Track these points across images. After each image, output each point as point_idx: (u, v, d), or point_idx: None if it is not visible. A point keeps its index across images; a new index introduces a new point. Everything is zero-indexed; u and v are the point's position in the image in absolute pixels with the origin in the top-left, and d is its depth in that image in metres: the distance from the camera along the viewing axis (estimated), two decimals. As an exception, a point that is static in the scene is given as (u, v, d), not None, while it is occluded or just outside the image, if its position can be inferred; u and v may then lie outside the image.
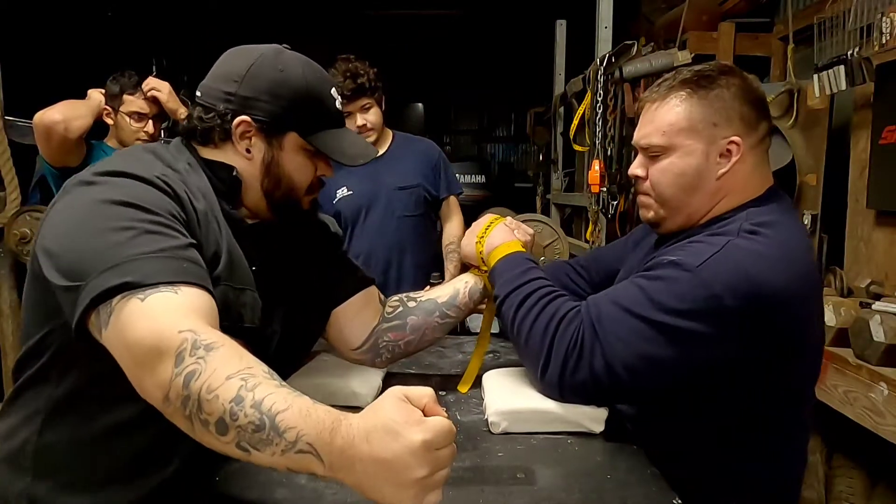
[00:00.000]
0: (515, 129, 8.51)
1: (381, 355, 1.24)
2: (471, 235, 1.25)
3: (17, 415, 0.93)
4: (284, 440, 0.64)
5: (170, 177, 0.89)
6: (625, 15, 3.36)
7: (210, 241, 0.91)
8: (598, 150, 2.75)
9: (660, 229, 1.16)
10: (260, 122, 0.97)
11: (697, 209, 1.10)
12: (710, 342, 0.97)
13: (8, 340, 3.08)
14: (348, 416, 0.65)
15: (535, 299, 1.06)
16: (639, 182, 1.15)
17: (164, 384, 0.69)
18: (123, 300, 0.73)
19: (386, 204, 2.22)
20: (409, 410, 0.63)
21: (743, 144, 1.05)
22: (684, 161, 1.07)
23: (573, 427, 1.05)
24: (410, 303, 1.25)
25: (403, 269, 2.24)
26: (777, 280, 0.97)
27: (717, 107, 1.05)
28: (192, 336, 0.70)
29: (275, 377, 0.70)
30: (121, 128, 2.19)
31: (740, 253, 0.98)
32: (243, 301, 0.95)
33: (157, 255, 0.77)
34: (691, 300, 0.96)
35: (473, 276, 1.26)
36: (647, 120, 1.11)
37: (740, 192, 1.08)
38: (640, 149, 1.14)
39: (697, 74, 1.08)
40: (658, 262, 1.03)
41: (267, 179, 1.00)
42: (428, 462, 0.61)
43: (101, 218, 0.80)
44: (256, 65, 0.97)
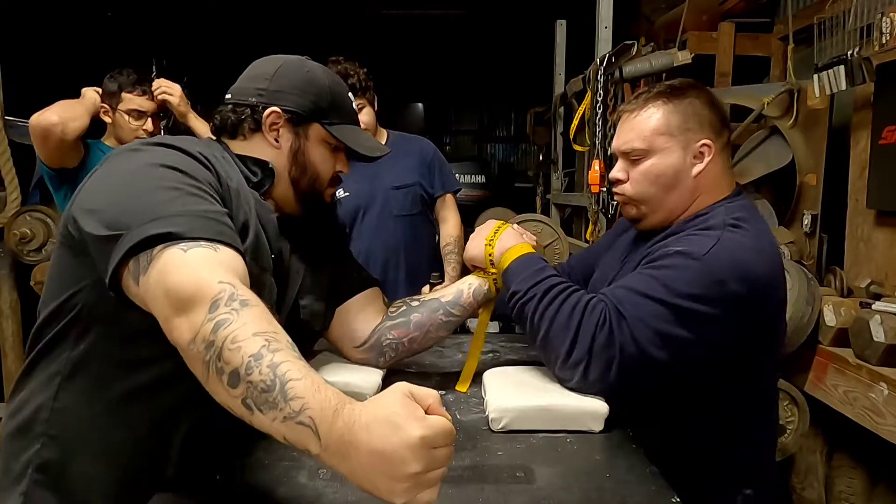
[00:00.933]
0: (515, 129, 8.52)
1: (384, 353, 1.25)
2: (479, 238, 1.27)
3: (32, 382, 0.94)
4: (289, 407, 0.65)
5: (208, 155, 0.95)
6: (625, 15, 3.36)
7: (240, 215, 0.96)
8: (598, 150, 2.75)
9: (641, 225, 1.25)
10: (289, 112, 1.06)
11: (676, 206, 1.20)
12: (718, 324, 1.06)
13: (8, 341, 3.08)
14: (354, 403, 0.65)
15: (558, 291, 1.11)
16: (619, 185, 1.24)
17: (195, 326, 0.71)
18: (165, 248, 0.77)
19: (382, 204, 2.22)
20: (413, 407, 0.63)
21: (713, 146, 1.18)
22: (664, 162, 1.18)
23: (574, 425, 1.05)
24: (414, 302, 1.28)
25: (401, 269, 2.24)
26: (765, 268, 1.10)
27: (690, 113, 1.18)
28: (230, 288, 0.73)
29: (296, 350, 0.71)
30: (119, 126, 2.18)
31: (734, 243, 1.08)
32: (263, 281, 0.99)
33: (200, 214, 0.82)
34: (702, 286, 1.05)
35: (478, 277, 1.27)
36: (627, 128, 1.22)
37: (713, 191, 1.20)
38: (620, 154, 1.24)
39: (670, 87, 1.22)
40: (664, 254, 1.11)
41: (294, 168, 1.08)
42: (424, 459, 0.61)
43: (149, 178, 0.84)
44: (285, 66, 1.09)
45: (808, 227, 2.13)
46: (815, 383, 1.82)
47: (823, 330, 1.80)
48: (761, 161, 2.35)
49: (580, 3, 3.39)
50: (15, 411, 0.96)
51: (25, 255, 2.98)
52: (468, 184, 6.28)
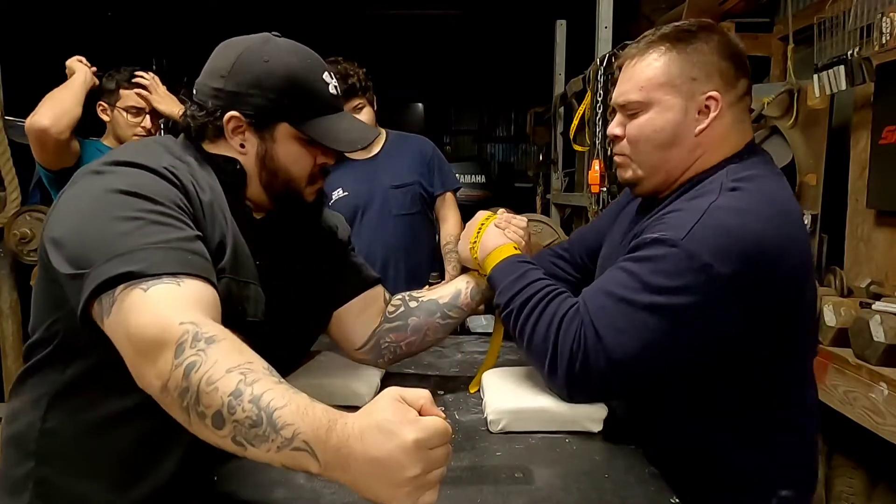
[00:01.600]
0: (515, 129, 8.51)
1: (383, 356, 1.24)
2: (465, 240, 1.23)
3: (23, 398, 0.94)
4: (281, 437, 0.64)
5: (178, 168, 0.90)
6: (625, 15, 3.36)
7: (215, 232, 0.92)
8: (598, 150, 2.75)
9: (638, 189, 1.14)
10: (249, 116, 0.96)
11: (676, 166, 1.07)
12: (709, 315, 0.95)
13: (8, 340, 3.08)
14: (345, 416, 0.65)
15: (534, 303, 1.04)
16: (616, 142, 1.12)
17: (164, 374, 0.70)
18: (127, 289, 0.74)
19: (382, 203, 2.22)
20: (404, 410, 0.63)
21: (721, 100, 1.04)
22: (662, 117, 1.05)
23: (572, 426, 1.05)
24: (412, 303, 1.25)
25: (401, 268, 2.23)
26: (766, 232, 0.95)
27: (696, 61, 1.04)
28: (193, 328, 0.71)
29: (274, 374, 0.70)
30: (117, 123, 2.18)
31: (723, 213, 0.95)
32: (246, 294, 0.96)
33: (163, 245, 0.78)
34: (682, 275, 0.93)
35: (475, 277, 1.26)
36: (626, 77, 1.09)
37: (718, 149, 1.06)
38: (618, 107, 1.11)
39: (677, 29, 1.07)
40: (642, 242, 1.00)
41: (264, 173, 1.00)
42: (421, 461, 0.61)
43: (108, 207, 0.80)
44: (241, 58, 0.96)
45: (808, 227, 2.13)
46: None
47: (823, 330, 1.80)
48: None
49: (580, 3, 3.39)
50: (11, 419, 0.95)
51: (25, 255, 2.98)
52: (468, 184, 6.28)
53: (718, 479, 1.07)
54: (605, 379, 0.98)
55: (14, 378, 0.97)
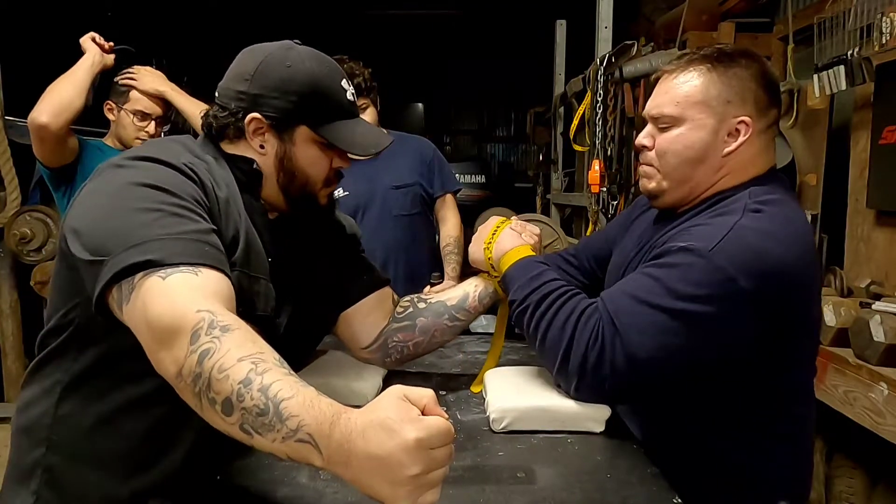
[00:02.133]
0: (515, 129, 8.51)
1: (389, 355, 1.26)
2: (478, 241, 1.24)
3: (37, 386, 0.95)
4: (286, 427, 0.65)
5: (196, 165, 0.93)
6: (625, 15, 3.36)
7: (229, 227, 0.95)
8: (598, 150, 2.76)
9: (658, 201, 1.16)
10: (270, 118, 1.00)
11: (699, 183, 1.10)
12: (726, 325, 0.98)
13: (8, 340, 3.08)
14: (349, 411, 0.65)
15: (553, 299, 1.06)
16: (644, 152, 1.14)
17: (179, 360, 0.71)
18: (145, 277, 0.76)
19: (382, 203, 2.22)
20: (407, 409, 0.63)
21: (752, 126, 1.06)
22: (694, 134, 1.08)
23: (575, 426, 1.05)
24: (420, 304, 1.27)
25: (401, 268, 2.24)
26: (786, 256, 0.99)
27: (734, 85, 1.06)
28: (209, 316, 0.72)
29: (284, 365, 0.71)
30: (121, 125, 2.18)
31: (748, 232, 0.99)
32: (257, 289, 0.98)
33: (181, 236, 0.80)
34: (707, 285, 0.96)
35: (483, 279, 1.27)
36: (663, 90, 1.12)
37: (742, 172, 1.09)
38: (650, 118, 1.14)
39: (719, 52, 1.10)
40: (668, 250, 1.02)
41: (282, 174, 1.03)
42: (422, 460, 0.61)
43: (130, 199, 0.83)
44: (265, 63, 1.00)
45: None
46: (815, 383, 1.82)
47: (823, 330, 1.80)
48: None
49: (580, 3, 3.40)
50: (24, 407, 0.97)
51: (25, 255, 2.98)
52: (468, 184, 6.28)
53: (719, 481, 1.08)
54: (617, 376, 0.99)
55: (15, 376, 0.98)
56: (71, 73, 2.01)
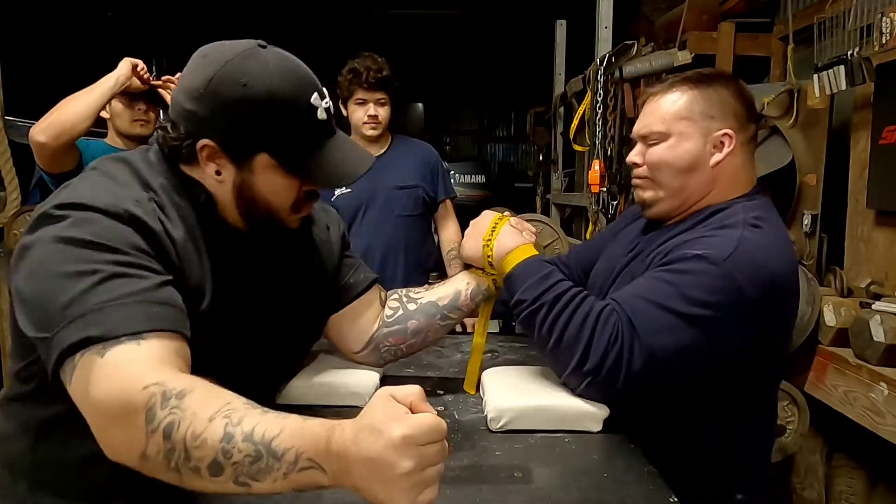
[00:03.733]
0: (515, 129, 8.51)
1: (383, 357, 1.24)
2: (475, 237, 1.21)
3: (11, 421, 0.92)
4: (285, 463, 0.64)
5: (142, 203, 0.84)
6: (625, 15, 3.36)
7: (192, 273, 0.88)
8: (598, 150, 2.75)
9: (652, 210, 1.21)
10: (224, 145, 0.88)
11: (693, 193, 1.17)
12: (732, 331, 1.05)
13: (8, 341, 3.08)
14: (341, 423, 0.65)
15: (568, 299, 1.07)
16: (636, 168, 1.21)
17: (138, 442, 0.68)
18: (86, 356, 0.71)
19: (384, 203, 2.26)
20: (394, 408, 0.63)
21: (735, 138, 1.14)
22: (682, 145, 1.15)
23: (573, 425, 1.05)
24: (410, 304, 1.23)
25: (399, 267, 2.27)
26: (784, 268, 1.08)
27: (714, 100, 1.15)
28: (158, 389, 0.68)
29: (256, 406, 0.68)
30: (115, 115, 2.18)
31: (753, 245, 1.05)
32: (231, 338, 0.93)
33: (122, 301, 0.74)
34: (719, 292, 1.02)
35: (474, 276, 1.22)
36: (649, 111, 1.20)
37: (731, 185, 1.17)
38: (639, 137, 1.21)
39: (698, 74, 1.19)
40: (682, 256, 1.07)
41: (241, 202, 0.92)
42: (411, 457, 0.60)
43: (65, 262, 0.76)
44: (217, 78, 0.85)
45: (808, 227, 2.13)
46: (815, 383, 1.82)
47: (823, 330, 1.80)
48: (761, 161, 2.34)
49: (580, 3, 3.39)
50: (2, 439, 0.93)
51: (25, 255, 2.98)
52: (468, 184, 6.29)
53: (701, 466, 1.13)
54: (632, 374, 1.01)
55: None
56: (87, 93, 1.96)
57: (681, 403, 1.13)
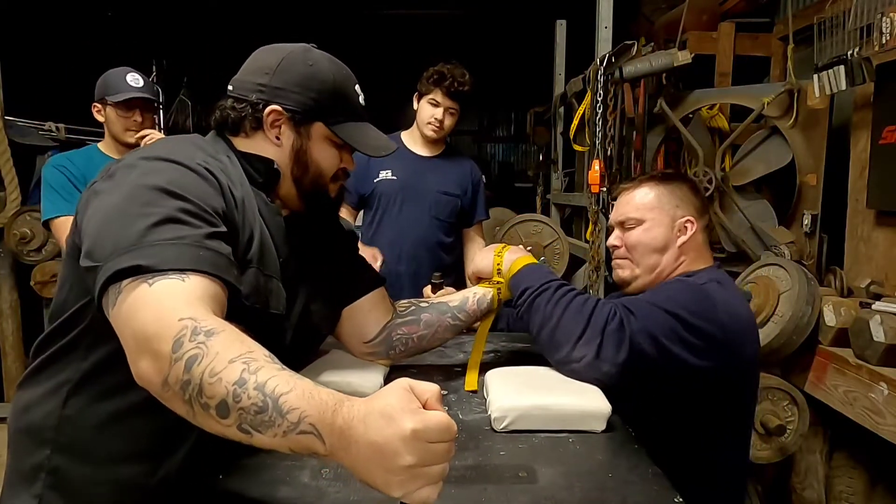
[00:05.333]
0: (515, 129, 8.51)
1: (394, 347, 1.28)
2: (488, 251, 1.39)
3: (40, 387, 0.95)
4: (287, 421, 0.65)
5: (211, 164, 0.94)
6: (625, 15, 3.36)
7: (246, 226, 0.96)
8: (598, 150, 2.75)
9: (631, 287, 1.41)
10: (290, 111, 1.03)
11: (664, 269, 1.38)
12: (712, 342, 1.19)
13: (8, 341, 3.08)
14: (351, 399, 0.66)
15: (567, 289, 1.23)
16: (615, 250, 1.43)
17: (162, 369, 0.70)
18: (132, 283, 0.75)
19: (425, 202, 2.33)
20: (409, 399, 0.64)
21: (696, 224, 1.38)
22: (655, 229, 1.38)
23: (576, 425, 1.05)
24: (423, 303, 1.33)
25: (424, 267, 2.29)
26: (744, 314, 1.29)
27: (678, 194, 1.40)
28: (191, 323, 0.71)
29: (276, 361, 0.71)
30: (110, 121, 2.17)
31: (712, 290, 1.25)
32: (270, 287, 0.99)
33: (175, 242, 0.79)
34: (698, 304, 1.20)
35: (482, 287, 1.34)
36: (624, 202, 1.43)
37: (696, 259, 1.39)
38: (617, 224, 1.44)
39: (661, 173, 1.45)
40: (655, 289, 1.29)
41: (296, 167, 1.06)
42: (417, 451, 0.61)
43: (133, 202, 0.82)
44: (287, 59, 1.04)
45: (808, 227, 2.14)
46: (815, 383, 1.83)
47: (823, 330, 1.80)
48: (761, 161, 2.35)
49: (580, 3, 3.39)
50: (23, 409, 0.96)
51: (25, 255, 2.99)
52: (468, 184, 6.26)
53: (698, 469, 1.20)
54: (634, 342, 1.15)
55: (15, 376, 0.97)
56: None
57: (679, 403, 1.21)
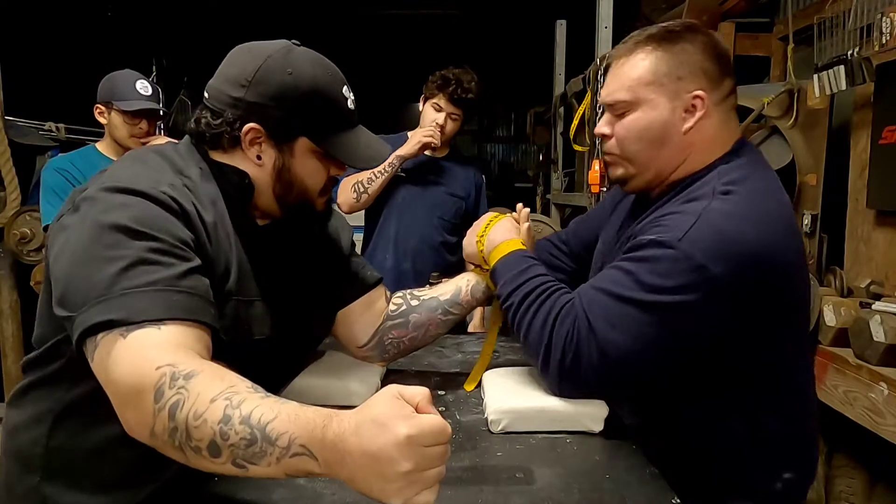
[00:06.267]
0: (515, 129, 8.51)
1: (387, 351, 1.27)
2: (471, 235, 1.26)
3: (25, 411, 0.94)
4: (278, 448, 0.65)
5: (177, 188, 0.88)
6: (625, 15, 3.35)
7: (220, 255, 0.92)
8: (598, 150, 2.75)
9: (628, 186, 1.15)
10: (269, 129, 0.95)
11: (666, 165, 1.09)
12: (701, 315, 0.97)
13: (8, 341, 3.08)
14: (339, 413, 0.65)
15: (534, 297, 1.07)
16: (605, 141, 1.15)
17: (148, 420, 0.70)
18: (108, 336, 0.74)
19: (433, 202, 2.35)
20: (400, 406, 0.63)
21: (707, 99, 1.05)
22: (649, 115, 1.07)
23: (573, 426, 1.05)
24: (413, 301, 1.27)
25: (426, 265, 2.30)
26: (761, 237, 0.97)
27: (682, 60, 1.05)
28: (169, 369, 0.71)
29: (259, 390, 0.70)
30: (114, 126, 2.17)
31: (717, 216, 0.97)
32: (252, 314, 0.97)
33: (147, 289, 0.77)
34: (677, 274, 0.96)
35: (476, 274, 1.27)
36: (614, 76, 1.11)
37: (707, 149, 1.08)
38: (606, 106, 1.14)
39: (664, 30, 1.09)
40: (638, 243, 1.02)
41: (279, 185, 0.99)
42: (412, 457, 0.61)
43: (98, 245, 0.79)
44: (264, 68, 0.93)
45: (808, 227, 2.13)
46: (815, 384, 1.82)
47: (823, 330, 1.80)
48: (761, 161, 2.34)
49: (580, 3, 3.39)
50: (13, 431, 0.95)
51: (25, 255, 2.98)
52: (468, 184, 6.26)
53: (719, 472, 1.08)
54: (595, 372, 1.00)
55: (13, 378, 0.97)
56: None
57: (673, 395, 1.09)
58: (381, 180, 2.22)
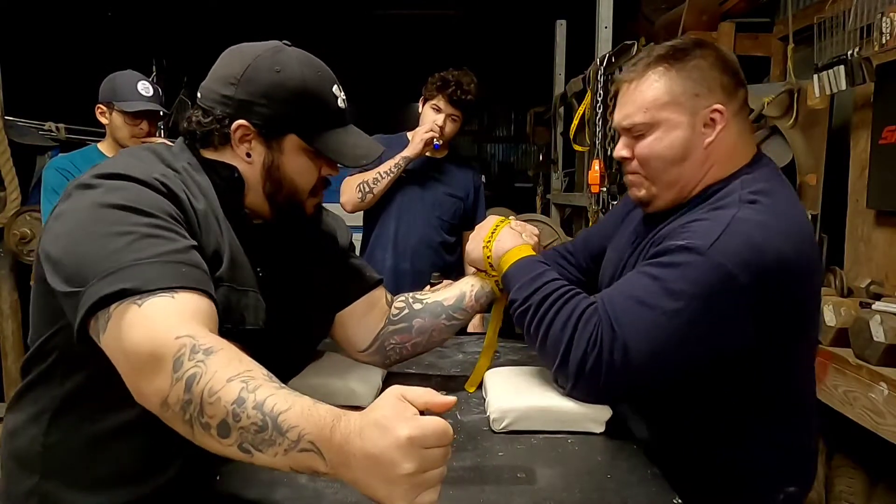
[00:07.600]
0: (515, 129, 8.51)
1: (388, 357, 1.25)
2: (476, 240, 1.23)
3: (24, 412, 0.94)
4: (287, 439, 0.65)
5: (168, 177, 0.89)
6: (625, 15, 3.36)
7: (210, 241, 0.92)
8: (598, 150, 2.76)
9: (651, 207, 1.15)
10: (258, 126, 0.96)
11: (689, 181, 1.10)
12: (726, 323, 0.98)
13: (8, 341, 3.08)
14: (348, 414, 0.65)
15: (554, 300, 1.05)
16: (626, 163, 1.14)
17: (163, 389, 0.70)
18: (121, 306, 0.74)
19: (432, 201, 2.36)
20: (403, 407, 0.63)
21: (726, 112, 1.06)
22: (670, 135, 1.07)
23: (575, 426, 1.05)
24: (416, 304, 1.25)
25: (425, 265, 2.31)
26: (785, 248, 0.98)
27: (697, 77, 1.06)
28: (190, 341, 0.71)
29: (274, 379, 0.70)
30: (115, 126, 2.18)
31: (747, 226, 0.98)
32: (245, 303, 0.96)
33: (155, 259, 0.77)
34: (706, 283, 0.95)
35: (479, 279, 1.26)
36: (628, 100, 1.11)
37: (728, 160, 1.09)
38: (622, 130, 1.13)
39: (672, 49, 1.09)
40: (667, 248, 1.01)
41: (269, 183, 0.99)
42: (414, 458, 0.61)
43: (100, 223, 0.80)
44: (252, 66, 0.95)
45: (809, 227, 2.13)
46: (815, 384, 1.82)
47: (823, 330, 1.80)
48: (761, 161, 2.35)
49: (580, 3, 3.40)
50: (11, 433, 0.95)
51: (25, 256, 2.98)
52: (468, 184, 6.26)
53: (722, 479, 1.08)
54: (615, 376, 0.99)
55: (13, 378, 0.97)
56: None
57: (680, 403, 1.10)
58: (387, 181, 2.22)
